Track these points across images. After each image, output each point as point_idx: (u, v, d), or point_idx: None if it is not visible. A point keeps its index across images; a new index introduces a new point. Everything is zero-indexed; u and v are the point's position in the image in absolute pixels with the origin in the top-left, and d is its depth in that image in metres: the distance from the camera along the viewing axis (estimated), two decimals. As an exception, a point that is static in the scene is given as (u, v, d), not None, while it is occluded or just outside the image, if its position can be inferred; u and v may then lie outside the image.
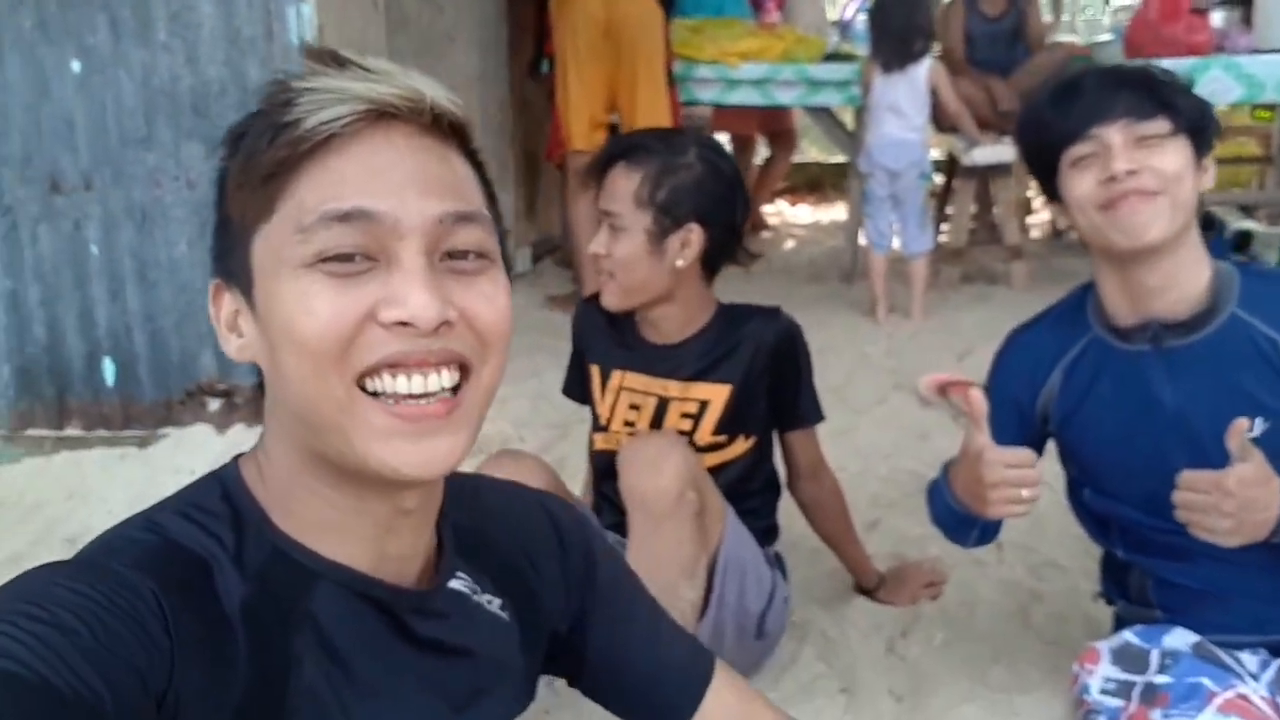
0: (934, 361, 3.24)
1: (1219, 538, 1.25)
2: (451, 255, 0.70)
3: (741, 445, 1.74)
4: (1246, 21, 3.66)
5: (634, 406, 1.76)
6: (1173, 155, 1.31)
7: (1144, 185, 1.30)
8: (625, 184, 1.66)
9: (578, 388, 1.90)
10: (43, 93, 2.69)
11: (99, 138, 2.71)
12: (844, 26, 5.31)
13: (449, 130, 0.73)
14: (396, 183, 0.68)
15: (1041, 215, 5.78)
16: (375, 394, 0.68)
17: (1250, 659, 1.41)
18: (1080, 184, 1.35)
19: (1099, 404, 1.45)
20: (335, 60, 0.70)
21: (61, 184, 2.74)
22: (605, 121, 3.76)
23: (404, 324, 0.67)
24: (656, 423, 1.73)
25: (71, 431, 2.81)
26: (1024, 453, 1.32)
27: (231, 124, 0.73)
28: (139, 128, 2.71)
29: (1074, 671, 1.54)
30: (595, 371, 1.82)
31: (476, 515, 0.88)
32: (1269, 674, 1.39)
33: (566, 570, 0.92)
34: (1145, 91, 1.33)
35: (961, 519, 1.50)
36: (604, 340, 1.82)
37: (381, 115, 0.69)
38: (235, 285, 0.73)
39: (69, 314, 2.79)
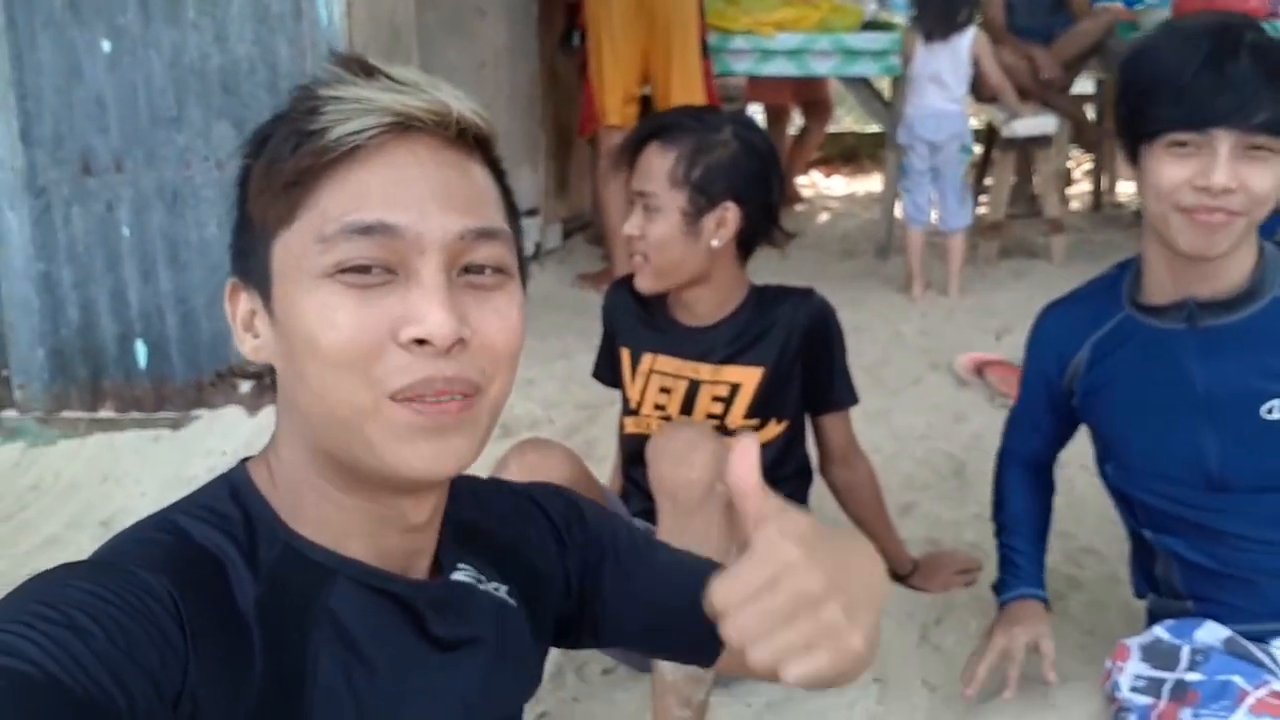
0: (971, 340, 3.19)
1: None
2: (469, 270, 0.71)
3: (774, 429, 1.72)
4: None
5: (665, 390, 1.74)
6: (1270, 173, 1.26)
7: (1231, 206, 1.25)
8: (660, 163, 1.63)
9: (608, 371, 1.88)
10: (74, 74, 2.70)
11: (130, 118, 2.71)
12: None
13: (473, 143, 0.73)
14: (419, 197, 0.69)
15: (1082, 186, 5.66)
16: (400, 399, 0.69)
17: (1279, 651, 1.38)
18: (1170, 173, 1.28)
19: (1126, 380, 1.44)
20: (363, 68, 0.70)
21: (93, 165, 2.75)
22: (638, 95, 3.72)
23: (421, 341, 0.67)
24: (687, 406, 1.71)
25: (105, 413, 2.82)
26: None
27: (256, 126, 0.73)
28: (169, 108, 2.71)
29: (1107, 668, 1.53)
30: (626, 355, 1.80)
31: (469, 509, 0.88)
32: None
33: (565, 556, 0.93)
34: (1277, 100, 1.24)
35: None
36: (635, 323, 1.80)
37: (407, 127, 0.69)
38: (253, 286, 0.73)
39: (101, 295, 2.80)
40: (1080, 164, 5.82)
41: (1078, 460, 2.48)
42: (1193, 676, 1.36)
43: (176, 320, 2.82)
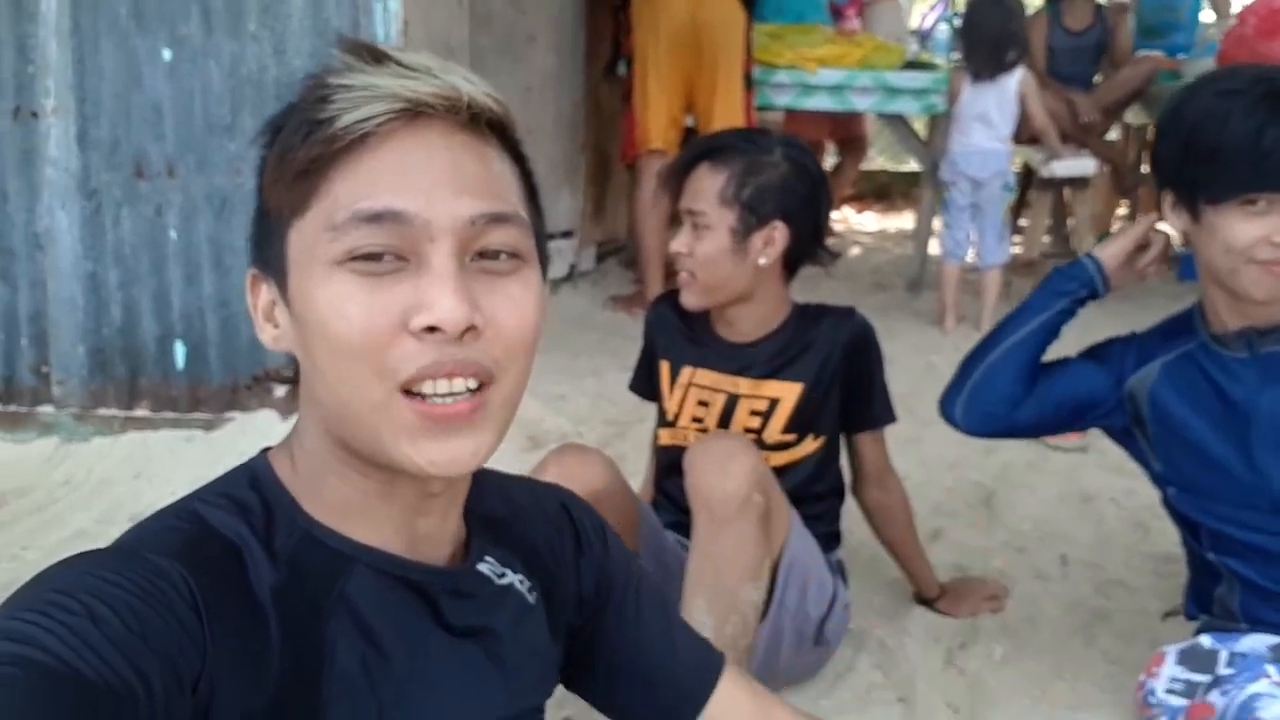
0: (1002, 375, 3.18)
1: None
2: (484, 255, 0.70)
3: (810, 445, 1.73)
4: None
5: (703, 403, 1.76)
6: None
7: None
8: (710, 182, 1.66)
9: (645, 384, 1.90)
10: (134, 80, 2.77)
11: (185, 125, 2.78)
12: (923, 35, 5.27)
13: (487, 127, 0.72)
14: (429, 183, 0.68)
15: (1118, 229, 5.66)
16: (410, 394, 0.68)
17: None
18: (1246, 232, 1.32)
19: (1194, 404, 1.46)
20: (372, 55, 0.69)
21: (146, 169, 2.81)
22: (682, 122, 3.77)
23: (432, 329, 0.66)
24: (725, 419, 1.73)
25: (140, 412, 2.86)
26: None
27: (269, 116, 0.73)
28: (224, 116, 2.78)
29: (1140, 681, 1.53)
30: (665, 367, 1.82)
31: (502, 506, 0.88)
32: None
33: (581, 565, 0.93)
34: None
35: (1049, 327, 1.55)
36: (676, 337, 1.81)
37: (417, 114, 0.68)
38: (271, 276, 0.73)
39: (144, 297, 2.85)
40: (1116, 208, 5.82)
41: (1107, 494, 2.49)
42: (1227, 672, 1.38)
43: (217, 324, 2.87)
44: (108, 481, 2.58)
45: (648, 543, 1.65)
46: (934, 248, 4.52)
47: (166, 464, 2.65)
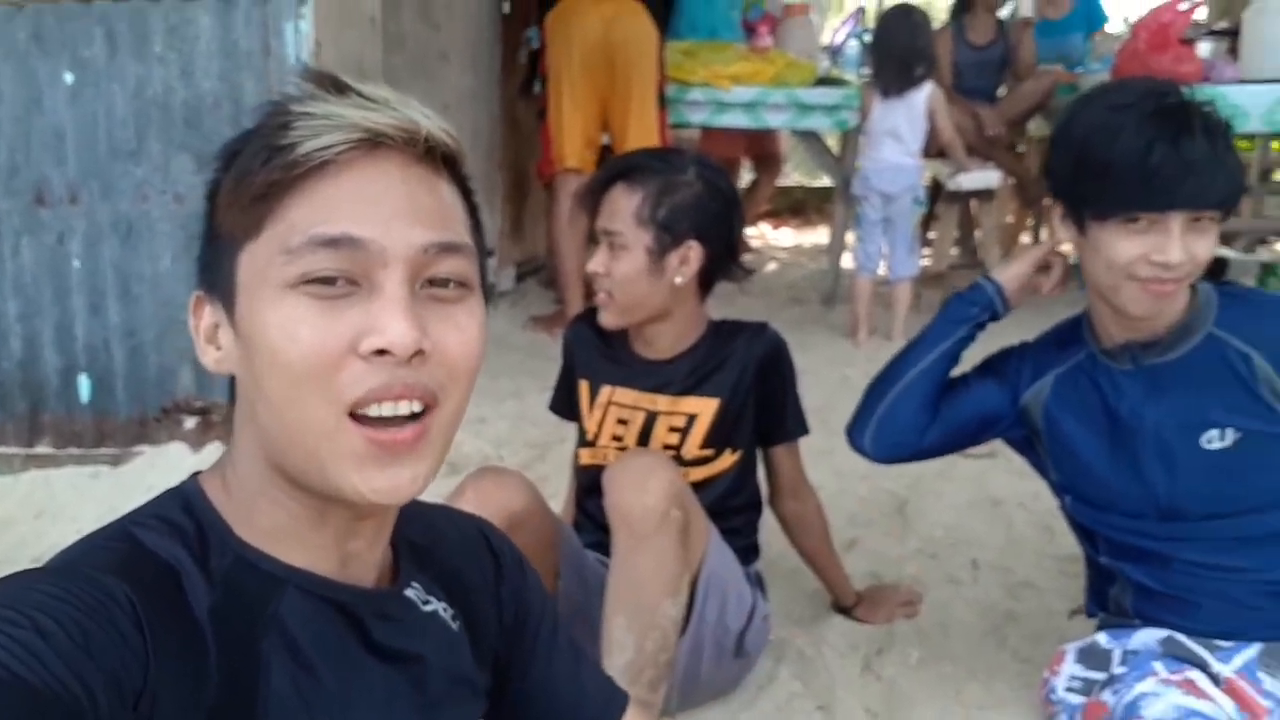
0: (915, 384, 3.26)
1: None
2: (433, 283, 0.72)
3: (728, 459, 1.76)
4: (1233, 52, 3.72)
5: (622, 421, 1.78)
6: (1211, 240, 1.34)
7: (1180, 275, 1.34)
8: (626, 203, 1.68)
9: (565, 404, 1.92)
10: (34, 105, 2.70)
11: (88, 150, 2.72)
12: (834, 52, 5.37)
13: (440, 161, 0.74)
14: (385, 212, 0.70)
15: (1023, 240, 5.83)
16: (358, 418, 0.70)
17: (1223, 643, 1.44)
18: (1126, 249, 1.34)
19: (1084, 418, 1.51)
20: (334, 85, 0.71)
21: (47, 196, 2.74)
22: (598, 141, 3.80)
23: (382, 351, 0.68)
24: (644, 437, 1.75)
25: (42, 449, 2.78)
26: None
27: (227, 140, 0.74)
28: (128, 140, 2.73)
29: (1044, 677, 1.59)
30: (584, 387, 1.83)
31: (424, 534, 0.89)
32: (1244, 655, 1.42)
33: (501, 596, 0.94)
34: (1229, 181, 1.32)
35: (951, 353, 1.59)
36: (595, 356, 1.83)
37: (376, 144, 0.70)
38: (217, 298, 0.74)
39: (46, 328, 2.78)
40: (1022, 219, 5.99)
41: (1014, 498, 2.57)
42: (1120, 670, 1.44)
43: (124, 354, 2.80)
44: (9, 521, 2.49)
45: (569, 563, 1.66)
46: (848, 262, 4.62)
47: (71, 502, 2.57)
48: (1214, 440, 1.40)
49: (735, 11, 4.81)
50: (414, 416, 0.71)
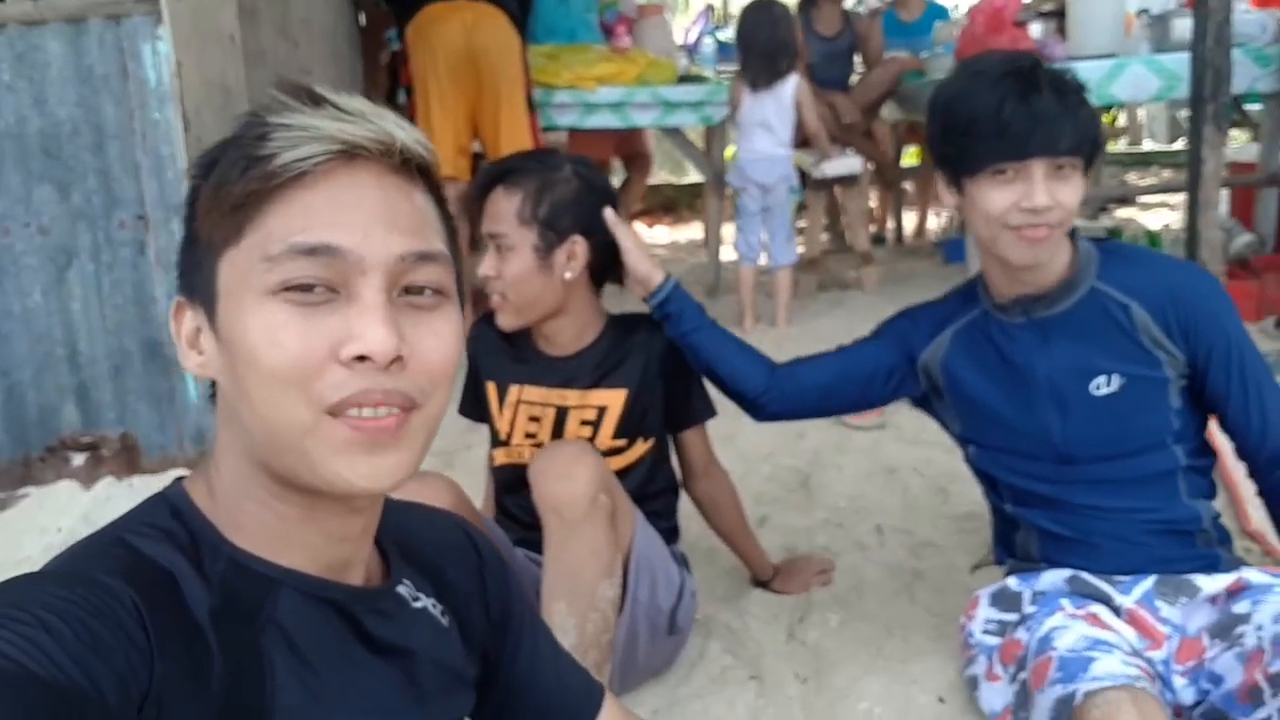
0: (802, 365, 3.38)
1: None
2: (410, 290, 0.74)
3: (641, 448, 1.80)
4: (1061, 32, 3.96)
5: (534, 418, 1.80)
6: (1077, 186, 1.44)
7: (1050, 221, 1.42)
8: (507, 205, 1.70)
9: (473, 406, 1.93)
10: (-126, 142, 2.56)
11: (-60, 186, 2.59)
12: (690, 49, 5.47)
13: (415, 171, 0.76)
14: (363, 220, 0.71)
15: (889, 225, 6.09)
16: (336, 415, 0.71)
17: (1122, 578, 1.55)
18: (998, 199, 1.43)
19: (982, 369, 1.60)
20: (310, 97, 0.72)
21: (-101, 236, 2.60)
22: (469, 148, 3.79)
23: (361, 358, 0.70)
24: (557, 432, 1.78)
25: (-79, 498, 2.65)
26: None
27: (204, 149, 0.75)
28: (-17, 173, 2.61)
29: (960, 623, 1.68)
30: (492, 389, 1.85)
31: (408, 533, 0.91)
32: (1141, 586, 1.53)
33: (486, 590, 0.96)
34: (1083, 126, 1.42)
35: None
36: (500, 357, 1.85)
37: (353, 155, 0.72)
38: (198, 303, 0.75)
39: (-87, 373, 2.64)
40: (884, 202, 6.25)
41: (908, 465, 2.70)
42: (1031, 609, 1.53)
43: (1, 396, 2.68)
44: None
45: (500, 560, 1.68)
46: (724, 253, 4.73)
47: (-43, 550, 2.44)
48: (1101, 386, 1.50)
49: (591, 14, 4.85)
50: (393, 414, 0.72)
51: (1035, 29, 3.93)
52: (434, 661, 0.86)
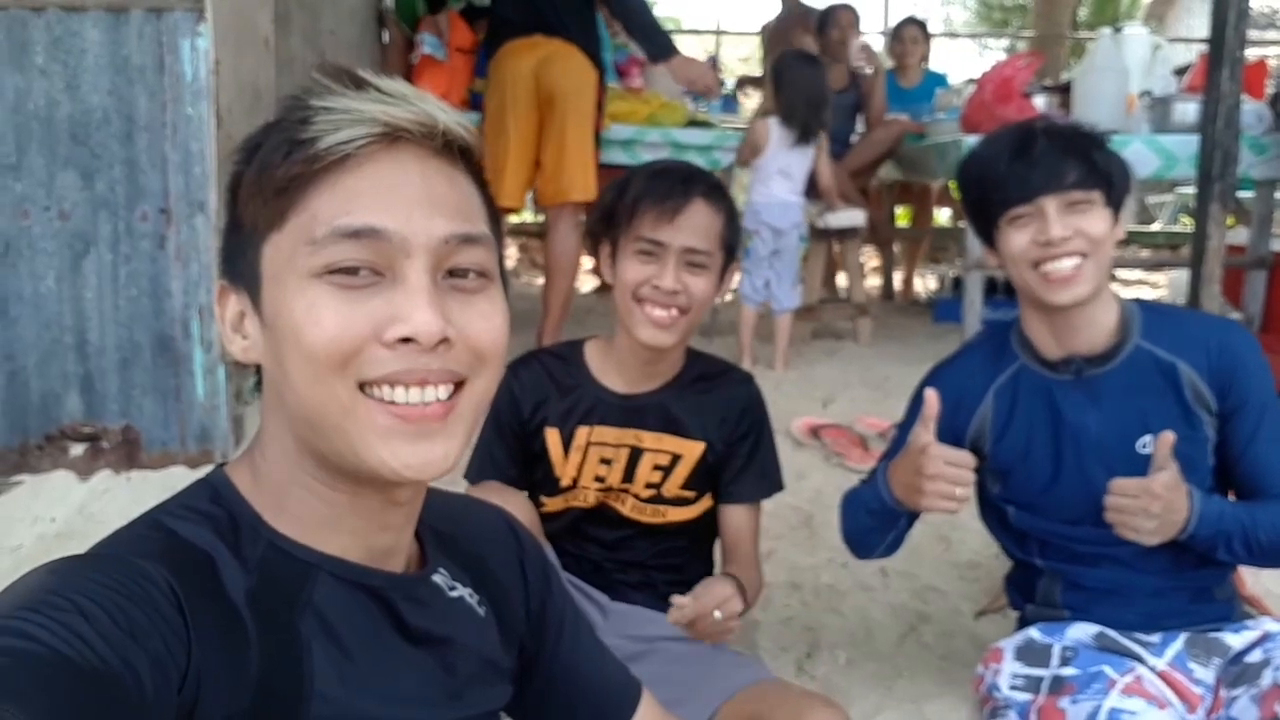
0: (800, 408, 3.42)
1: (1143, 537, 1.43)
2: (454, 273, 0.74)
3: (708, 502, 1.72)
4: (1064, 106, 4.08)
5: (605, 460, 1.68)
6: (1099, 219, 1.47)
7: (1072, 249, 1.46)
8: (713, 222, 1.60)
9: (504, 464, 1.71)
10: (-98, 115, 2.54)
11: (-38, 164, 2.57)
12: (695, 96, 5.55)
13: (458, 153, 0.76)
14: (406, 203, 0.71)
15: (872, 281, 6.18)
16: (376, 398, 0.71)
17: (1151, 637, 1.55)
18: (1017, 240, 1.49)
19: (1028, 427, 1.58)
20: (353, 80, 0.72)
21: (-85, 212, 2.58)
22: (533, 181, 3.71)
23: (407, 340, 0.70)
24: (629, 474, 1.68)
25: (-88, 481, 2.60)
26: (964, 455, 1.45)
27: (247, 134, 0.75)
28: (8, 154, 2.60)
29: (979, 673, 1.67)
30: (554, 436, 1.68)
31: (448, 522, 0.91)
32: (1173, 648, 1.54)
33: (527, 580, 0.96)
34: (1087, 163, 1.47)
35: (884, 519, 1.59)
36: (553, 402, 1.70)
37: (395, 138, 0.71)
38: (242, 288, 0.75)
39: (-83, 352, 2.60)
40: (871, 259, 6.35)
41: (913, 511, 2.72)
42: (1068, 671, 1.51)
43: (3, 380, 2.65)
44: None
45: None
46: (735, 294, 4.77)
47: (-54, 535, 2.40)
48: (1148, 445, 1.50)
49: (608, 54, 4.93)
50: (440, 400, 0.72)
51: (1040, 101, 4.04)
52: (470, 650, 0.86)
